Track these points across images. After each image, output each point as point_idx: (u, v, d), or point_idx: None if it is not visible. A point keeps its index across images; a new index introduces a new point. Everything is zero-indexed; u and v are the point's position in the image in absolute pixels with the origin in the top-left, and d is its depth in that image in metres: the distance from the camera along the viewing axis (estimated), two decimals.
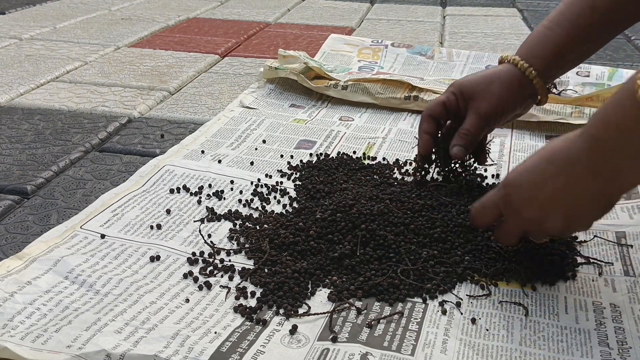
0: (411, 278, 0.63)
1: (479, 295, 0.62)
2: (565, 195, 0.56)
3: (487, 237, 0.68)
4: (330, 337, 0.55)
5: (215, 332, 0.55)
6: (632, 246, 0.70)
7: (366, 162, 0.90)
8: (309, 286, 0.62)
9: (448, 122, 0.78)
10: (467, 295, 0.62)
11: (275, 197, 0.80)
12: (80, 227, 0.71)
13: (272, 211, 0.76)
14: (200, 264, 0.66)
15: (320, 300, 0.61)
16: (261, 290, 0.62)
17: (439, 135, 0.78)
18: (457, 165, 0.79)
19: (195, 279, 0.63)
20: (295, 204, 0.78)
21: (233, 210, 0.76)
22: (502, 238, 0.64)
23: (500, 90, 0.73)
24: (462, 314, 0.59)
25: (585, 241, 0.71)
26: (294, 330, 0.56)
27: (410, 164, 0.89)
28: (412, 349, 0.54)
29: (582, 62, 0.77)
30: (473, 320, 0.58)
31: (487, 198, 0.64)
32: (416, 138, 0.79)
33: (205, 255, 0.67)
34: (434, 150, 0.78)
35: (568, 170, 0.55)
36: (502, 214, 0.62)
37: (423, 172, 0.79)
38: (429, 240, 0.68)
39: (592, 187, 0.55)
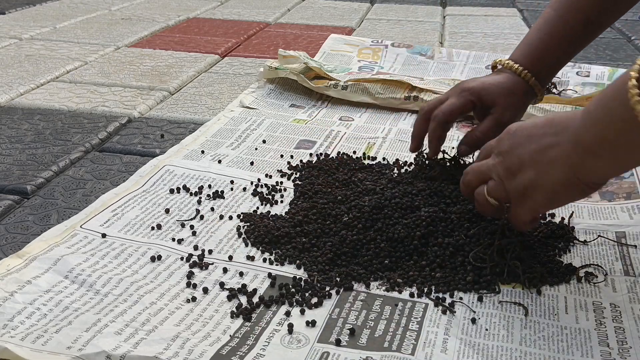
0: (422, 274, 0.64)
1: (482, 292, 0.62)
2: (545, 156, 0.57)
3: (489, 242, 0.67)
4: (334, 339, 0.55)
5: (216, 335, 0.55)
6: (636, 246, 0.70)
7: (366, 162, 0.90)
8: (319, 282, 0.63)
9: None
10: (466, 294, 0.62)
11: (275, 197, 0.80)
12: (80, 227, 0.71)
13: (268, 212, 0.76)
14: (199, 265, 0.66)
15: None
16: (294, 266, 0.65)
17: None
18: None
19: (195, 286, 0.63)
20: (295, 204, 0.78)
21: (233, 210, 0.76)
22: (470, 173, 0.65)
23: (518, 102, 0.77)
24: (468, 309, 0.59)
25: (587, 242, 0.71)
26: (290, 329, 0.56)
27: (410, 164, 0.89)
28: (413, 348, 0.54)
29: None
30: (473, 320, 0.58)
31: (489, 142, 0.65)
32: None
33: (206, 255, 0.67)
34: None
35: (558, 134, 0.56)
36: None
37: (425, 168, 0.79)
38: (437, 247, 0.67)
39: (571, 161, 0.55)
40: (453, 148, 0.81)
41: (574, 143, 0.55)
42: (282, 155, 0.92)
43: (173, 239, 0.70)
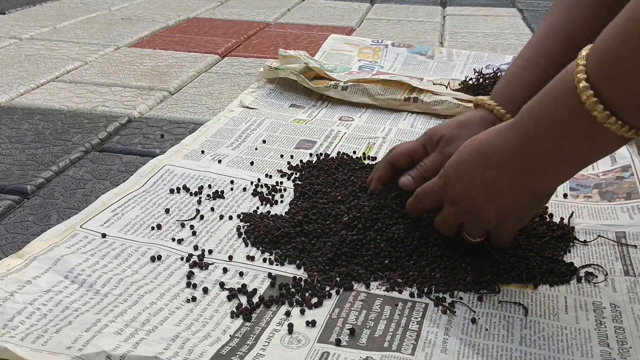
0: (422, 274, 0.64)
1: (483, 292, 0.62)
2: (497, 188, 0.58)
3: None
4: (334, 339, 0.55)
5: (216, 335, 0.55)
6: (636, 246, 0.70)
7: (366, 162, 0.90)
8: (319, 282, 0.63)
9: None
10: (466, 294, 0.62)
11: (275, 197, 0.80)
12: (80, 227, 0.71)
13: (268, 212, 0.76)
14: (199, 265, 0.66)
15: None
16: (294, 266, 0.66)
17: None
18: None
19: (195, 286, 0.63)
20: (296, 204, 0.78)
21: (233, 210, 0.76)
22: (441, 226, 0.65)
23: (470, 134, 0.68)
24: (468, 309, 0.59)
25: (587, 242, 0.71)
26: (290, 329, 0.56)
27: None
28: (413, 348, 0.54)
29: None
30: (473, 320, 0.58)
31: (427, 185, 0.66)
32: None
33: (206, 255, 0.67)
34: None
35: (499, 163, 0.56)
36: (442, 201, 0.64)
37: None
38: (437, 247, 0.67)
39: (523, 182, 0.56)
40: None
41: (519, 166, 0.55)
42: (282, 155, 0.92)
43: (173, 239, 0.70)
